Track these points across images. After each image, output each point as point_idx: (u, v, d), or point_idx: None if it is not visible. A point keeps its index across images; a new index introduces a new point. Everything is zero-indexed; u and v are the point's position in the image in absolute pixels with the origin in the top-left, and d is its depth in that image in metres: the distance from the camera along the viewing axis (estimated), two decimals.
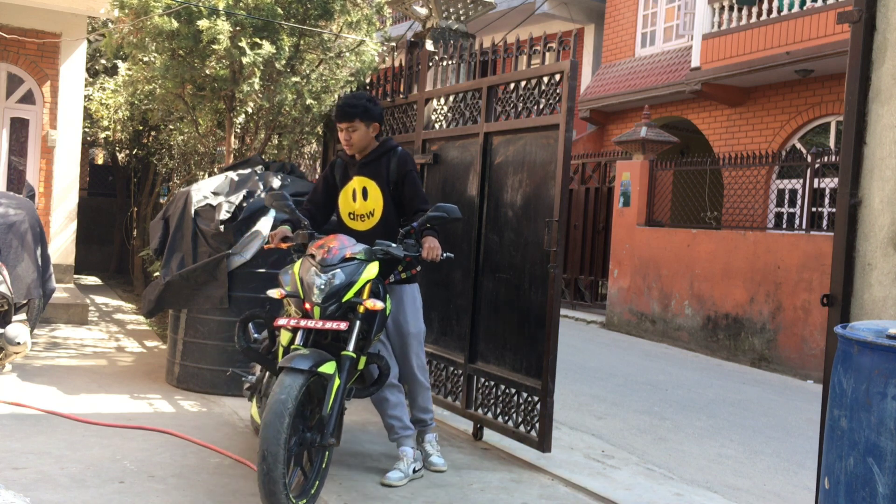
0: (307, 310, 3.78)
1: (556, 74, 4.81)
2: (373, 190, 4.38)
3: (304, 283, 3.83)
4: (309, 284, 3.80)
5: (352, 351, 3.75)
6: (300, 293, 3.84)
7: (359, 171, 4.40)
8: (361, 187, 4.39)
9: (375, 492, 4.06)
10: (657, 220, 11.47)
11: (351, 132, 4.32)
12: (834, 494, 2.38)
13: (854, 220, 3.11)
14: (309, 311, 3.76)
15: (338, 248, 3.89)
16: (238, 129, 7.60)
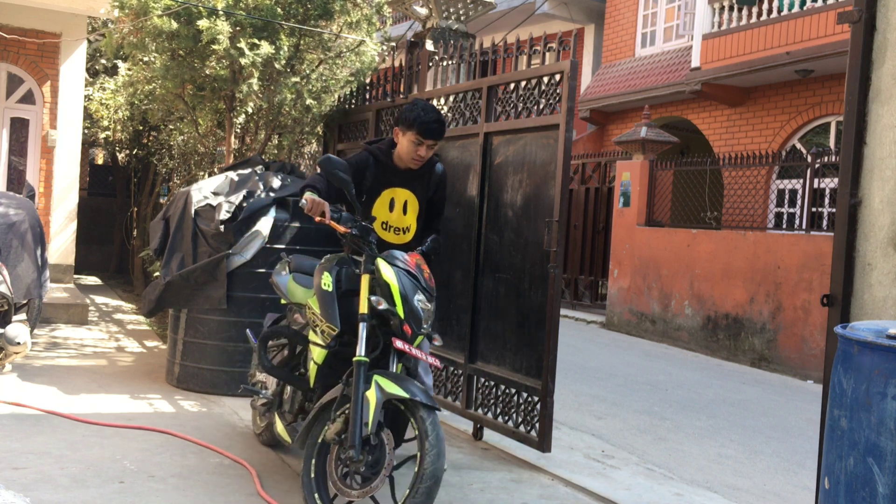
0: (406, 332, 3.47)
1: (556, 74, 4.81)
2: (413, 205, 4.26)
3: (409, 304, 3.48)
4: (417, 309, 3.50)
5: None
6: (400, 313, 3.47)
7: (405, 184, 4.22)
8: (403, 200, 4.22)
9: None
10: (657, 220, 11.47)
11: (432, 149, 4.16)
12: (834, 494, 2.38)
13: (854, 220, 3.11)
14: (409, 334, 3.47)
15: (432, 279, 3.69)
16: (238, 129, 7.60)
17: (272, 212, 5.79)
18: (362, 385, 3.33)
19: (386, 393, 3.29)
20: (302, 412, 3.93)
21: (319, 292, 3.64)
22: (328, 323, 3.55)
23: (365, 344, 3.45)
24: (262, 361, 3.88)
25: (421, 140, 4.10)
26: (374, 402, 3.28)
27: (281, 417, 4.05)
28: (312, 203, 3.71)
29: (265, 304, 5.75)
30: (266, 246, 5.72)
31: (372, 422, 3.25)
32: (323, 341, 3.60)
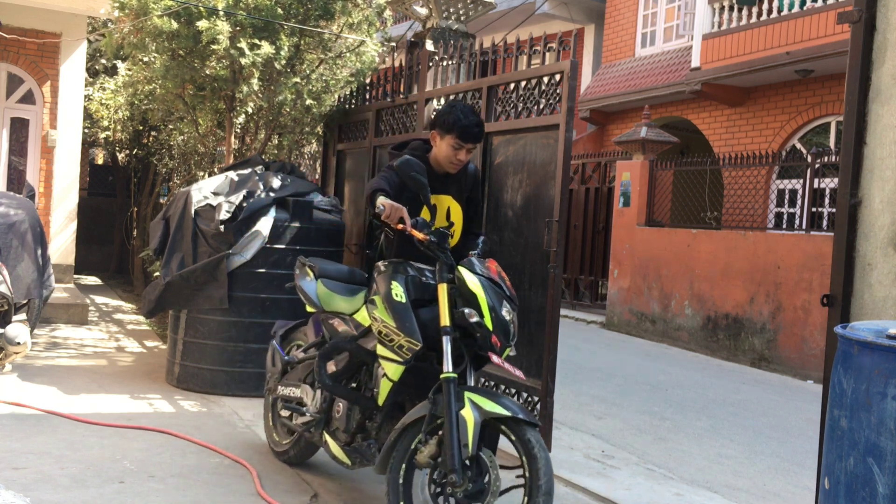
0: (495, 344, 3.27)
1: (556, 74, 4.81)
2: (455, 210, 4.06)
3: (497, 315, 3.29)
4: (505, 320, 3.32)
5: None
6: (489, 324, 3.27)
7: (445, 189, 4.00)
8: (446, 207, 4.00)
9: (375, 491, 4.06)
10: (657, 220, 11.47)
11: (470, 153, 3.95)
12: (834, 494, 2.38)
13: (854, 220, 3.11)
14: (497, 346, 3.29)
15: (509, 281, 3.51)
16: (238, 129, 7.60)
17: (272, 212, 5.79)
18: (455, 403, 3.15)
19: (485, 412, 3.12)
20: (360, 431, 3.67)
21: (392, 303, 3.40)
22: (408, 337, 3.31)
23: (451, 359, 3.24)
24: (323, 379, 3.66)
25: (461, 144, 3.88)
26: (472, 421, 3.10)
27: (333, 438, 3.77)
28: (391, 209, 3.48)
29: (265, 304, 5.76)
30: (266, 246, 5.72)
31: (472, 443, 3.08)
32: (401, 357, 3.35)
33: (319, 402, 3.88)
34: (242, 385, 5.78)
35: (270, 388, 4.40)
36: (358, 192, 7.18)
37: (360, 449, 3.63)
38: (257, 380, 5.78)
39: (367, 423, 3.66)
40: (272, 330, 4.62)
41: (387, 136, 6.77)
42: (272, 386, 4.37)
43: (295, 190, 6.03)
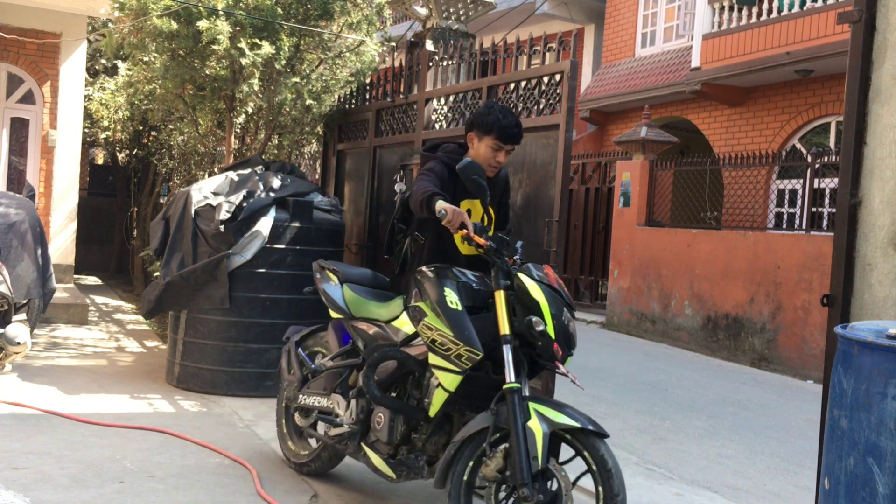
0: (557, 352, 3.20)
1: (556, 74, 4.81)
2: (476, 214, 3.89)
3: (559, 322, 3.22)
4: (567, 328, 3.27)
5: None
6: (551, 332, 3.19)
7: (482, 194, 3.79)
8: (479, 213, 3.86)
9: (375, 491, 4.06)
10: (657, 220, 11.47)
11: (508, 154, 3.83)
12: (834, 494, 2.38)
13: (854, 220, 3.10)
14: (560, 355, 3.23)
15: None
16: (238, 129, 7.60)
17: (272, 212, 5.79)
18: (521, 415, 3.07)
19: (553, 423, 3.04)
20: (405, 443, 3.54)
21: (447, 311, 3.27)
22: (467, 346, 3.18)
23: (513, 368, 3.15)
24: (372, 390, 3.48)
25: (500, 145, 3.77)
26: (540, 433, 3.03)
27: (373, 450, 3.62)
28: (453, 213, 3.31)
29: (265, 304, 5.76)
30: (266, 246, 5.72)
31: (542, 456, 3.00)
32: (459, 367, 3.21)
33: (356, 412, 3.73)
34: (242, 385, 5.78)
35: (289, 398, 4.21)
36: (358, 192, 7.18)
37: (407, 461, 3.49)
38: (257, 380, 5.78)
39: (413, 435, 3.53)
40: (285, 336, 4.47)
41: (387, 136, 6.77)
42: (291, 395, 4.18)
43: (295, 190, 6.03)
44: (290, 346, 4.33)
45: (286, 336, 4.45)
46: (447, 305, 3.28)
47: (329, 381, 4.01)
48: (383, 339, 3.70)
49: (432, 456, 3.47)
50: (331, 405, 3.91)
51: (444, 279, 3.38)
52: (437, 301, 3.31)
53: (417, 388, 3.54)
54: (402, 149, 6.46)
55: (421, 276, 3.48)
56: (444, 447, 3.44)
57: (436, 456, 3.47)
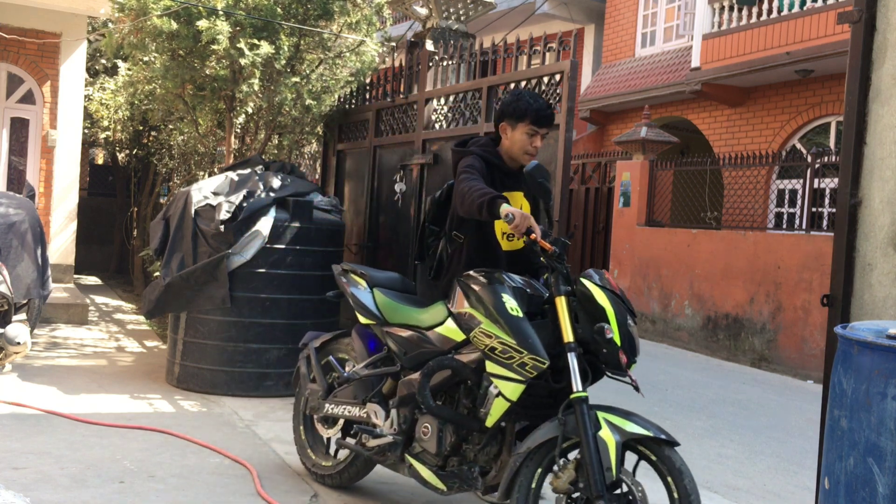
0: (623, 360, 3.09)
1: (557, 74, 4.81)
2: (526, 208, 3.78)
3: (625, 329, 3.12)
4: (633, 335, 3.15)
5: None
6: (617, 340, 3.09)
7: (518, 186, 3.76)
8: (519, 204, 3.75)
9: (375, 491, 4.06)
10: (657, 220, 11.47)
11: (543, 139, 3.70)
12: (834, 494, 2.38)
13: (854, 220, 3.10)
14: (625, 363, 3.11)
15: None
16: (238, 129, 7.60)
17: (272, 212, 5.79)
18: (590, 425, 3.00)
19: (625, 433, 2.97)
20: (455, 454, 3.42)
21: (509, 318, 3.17)
22: (532, 355, 3.09)
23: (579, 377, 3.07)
24: (427, 400, 3.34)
25: (535, 130, 3.65)
26: (612, 443, 2.96)
27: (420, 461, 3.49)
28: (521, 218, 3.19)
29: (265, 304, 5.76)
30: (266, 246, 5.72)
31: (615, 466, 2.95)
32: (522, 375, 3.11)
33: (398, 422, 3.60)
34: (242, 385, 5.78)
35: (313, 407, 4.05)
36: (358, 192, 7.17)
37: (460, 473, 3.37)
38: (257, 380, 5.78)
39: (464, 446, 3.41)
40: (302, 342, 4.29)
41: (387, 136, 6.77)
42: (316, 404, 4.03)
43: (295, 190, 6.04)
44: (310, 352, 4.15)
45: (303, 342, 4.28)
46: (508, 312, 3.19)
47: (360, 389, 3.86)
48: (426, 346, 3.55)
49: (483, 467, 3.37)
50: (365, 415, 3.78)
51: (501, 285, 3.28)
52: (496, 307, 3.21)
53: (468, 397, 3.41)
54: (402, 149, 6.46)
55: (470, 280, 3.39)
56: (495, 458, 3.36)
57: (487, 467, 3.36)
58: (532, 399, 3.22)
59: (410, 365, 3.62)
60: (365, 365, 3.84)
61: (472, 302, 3.31)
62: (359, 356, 3.93)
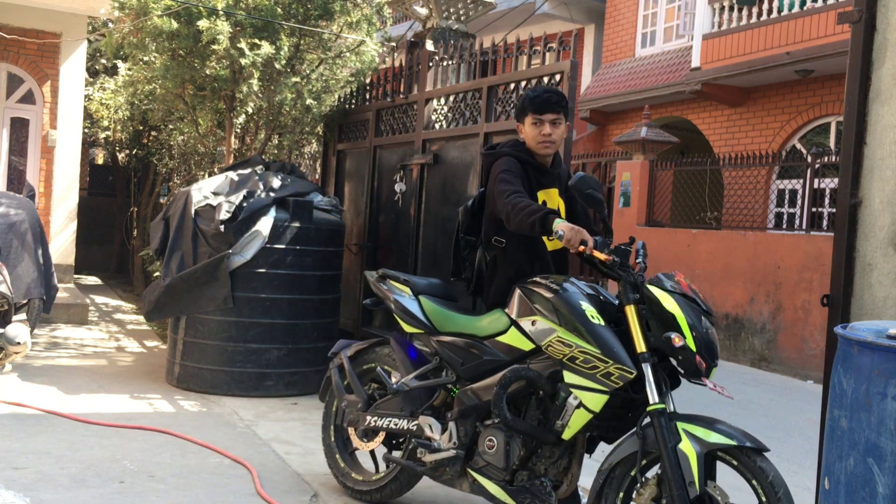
0: (700, 365, 2.95)
1: (557, 74, 4.81)
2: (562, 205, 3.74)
3: (699, 333, 2.98)
4: (709, 338, 3.01)
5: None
6: (692, 345, 2.95)
7: (553, 183, 3.71)
8: (556, 204, 3.69)
9: None
10: (657, 220, 11.47)
11: (555, 126, 3.57)
12: (834, 494, 2.38)
13: (854, 221, 3.10)
14: (703, 367, 2.96)
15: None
16: (238, 129, 7.60)
17: (272, 212, 5.79)
18: (670, 437, 2.89)
19: (707, 444, 2.85)
20: (523, 468, 3.30)
21: (590, 326, 3.08)
22: (618, 364, 2.99)
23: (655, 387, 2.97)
24: (503, 413, 3.19)
25: (538, 118, 3.56)
26: (693, 455, 2.84)
27: (484, 475, 3.35)
28: (571, 233, 3.11)
29: (265, 304, 5.76)
30: (266, 246, 5.72)
31: (698, 479, 2.83)
32: (607, 386, 3.01)
33: (457, 435, 3.46)
34: (242, 385, 5.78)
35: (352, 420, 3.88)
36: (358, 192, 7.17)
37: (532, 488, 3.24)
38: (257, 380, 5.78)
39: (534, 461, 3.30)
40: (332, 351, 4.11)
41: (387, 136, 6.77)
42: (354, 417, 3.86)
43: (295, 190, 6.03)
44: (343, 361, 3.97)
45: (334, 351, 4.09)
46: (589, 320, 3.10)
47: (408, 401, 3.70)
48: (487, 356, 3.42)
49: (554, 481, 3.25)
50: (415, 427, 3.64)
51: (574, 291, 3.20)
52: (576, 315, 3.12)
53: (538, 408, 3.29)
54: (403, 149, 6.46)
55: (537, 287, 3.31)
56: (565, 471, 3.26)
57: (558, 481, 3.25)
58: (608, 410, 3.10)
59: (468, 376, 3.48)
60: (415, 376, 3.68)
61: (543, 310, 3.23)
62: (402, 367, 3.78)
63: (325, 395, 4.12)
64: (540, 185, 3.63)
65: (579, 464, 3.24)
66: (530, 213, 3.26)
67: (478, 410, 3.41)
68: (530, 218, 3.25)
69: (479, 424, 3.42)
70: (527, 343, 3.29)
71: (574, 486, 3.25)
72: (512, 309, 3.37)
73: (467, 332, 3.53)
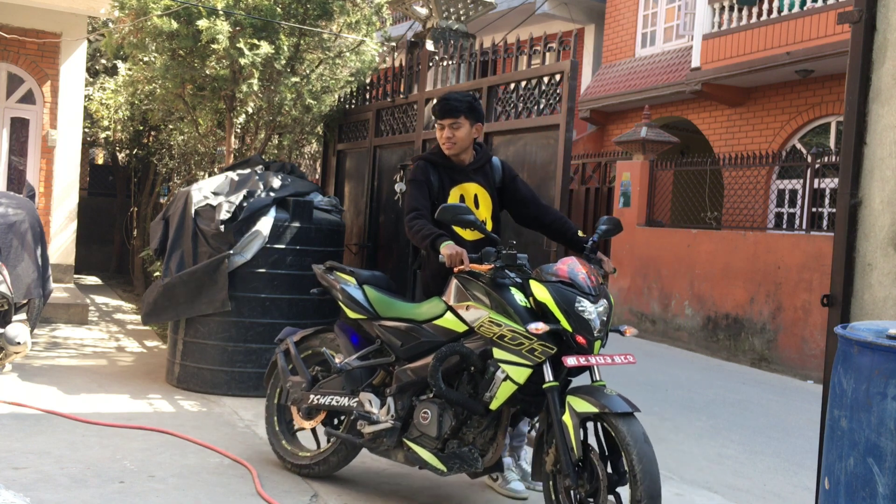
0: (581, 343, 3.32)
1: (557, 74, 4.81)
2: (484, 198, 4.13)
3: (571, 315, 3.33)
4: (582, 317, 3.33)
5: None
6: (567, 327, 3.33)
7: (471, 178, 4.12)
8: (473, 194, 4.10)
9: (376, 491, 4.06)
10: (657, 220, 11.47)
11: (455, 129, 4.03)
12: (834, 494, 2.38)
13: (854, 221, 3.10)
14: (584, 345, 3.33)
15: (594, 275, 3.52)
16: (238, 129, 7.60)
17: (272, 212, 5.79)
18: (558, 410, 3.30)
19: (578, 413, 3.23)
20: (454, 437, 3.63)
21: (518, 308, 3.44)
22: (541, 341, 3.36)
23: (551, 367, 3.37)
24: (439, 385, 3.52)
25: (442, 124, 4.06)
26: (571, 425, 3.24)
27: (419, 444, 3.68)
28: (450, 258, 3.57)
29: (265, 304, 5.76)
30: (266, 246, 5.72)
31: (576, 446, 3.21)
32: (531, 360, 3.37)
33: (395, 409, 3.78)
34: (242, 385, 5.78)
35: (296, 399, 4.17)
36: (358, 192, 7.18)
37: (461, 454, 3.58)
38: (257, 380, 5.78)
39: (464, 431, 3.62)
40: (278, 337, 4.42)
41: (387, 136, 6.77)
42: (299, 396, 4.16)
43: (295, 190, 6.03)
44: (289, 346, 4.29)
45: (280, 337, 4.41)
46: (517, 303, 3.45)
47: (349, 380, 4.00)
48: (424, 338, 3.74)
49: (482, 449, 3.60)
50: (356, 404, 3.92)
51: (505, 280, 3.52)
52: (506, 299, 3.46)
53: (470, 383, 3.63)
54: (402, 149, 6.46)
55: (473, 277, 3.61)
56: (491, 440, 3.60)
57: (485, 449, 3.60)
58: (530, 386, 3.45)
59: (407, 356, 3.81)
60: (357, 357, 4.00)
61: (476, 296, 3.56)
62: (344, 350, 4.10)
63: (270, 378, 4.43)
64: (453, 182, 4.09)
65: (504, 434, 3.62)
66: (423, 237, 3.82)
67: (414, 386, 3.76)
68: (423, 241, 3.82)
69: (415, 399, 3.76)
70: (461, 325, 3.64)
71: (499, 454, 3.63)
72: (449, 296, 3.71)
73: (407, 317, 3.87)
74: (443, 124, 4.04)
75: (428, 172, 4.06)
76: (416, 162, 4.16)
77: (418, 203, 3.98)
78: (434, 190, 4.05)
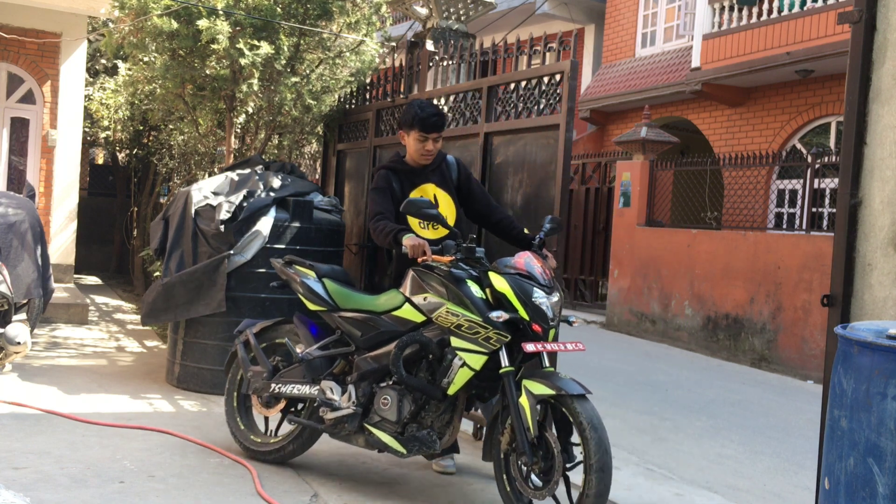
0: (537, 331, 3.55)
1: (557, 74, 4.81)
2: (443, 197, 4.39)
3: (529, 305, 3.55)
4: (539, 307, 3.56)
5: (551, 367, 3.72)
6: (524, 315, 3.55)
7: (429, 179, 4.39)
8: (432, 195, 4.37)
9: (375, 491, 4.06)
10: (657, 220, 11.47)
11: (436, 142, 4.34)
12: (834, 494, 2.38)
13: (854, 221, 3.10)
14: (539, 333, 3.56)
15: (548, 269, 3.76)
16: (238, 129, 7.60)
17: (272, 212, 5.79)
18: (514, 393, 3.50)
19: (534, 396, 3.43)
20: (413, 421, 3.82)
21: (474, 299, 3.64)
22: (496, 330, 3.56)
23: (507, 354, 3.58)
24: (400, 371, 3.71)
25: (425, 136, 4.28)
26: (527, 406, 3.43)
27: (380, 429, 3.87)
28: (412, 249, 3.79)
29: (265, 304, 5.76)
30: (266, 246, 5.72)
31: (532, 426, 3.42)
32: (486, 348, 3.59)
33: (356, 396, 3.94)
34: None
35: (258, 388, 4.33)
36: (358, 192, 7.17)
37: (420, 437, 3.78)
38: None
39: (422, 414, 3.81)
40: (238, 329, 4.57)
41: (387, 136, 6.77)
42: (260, 385, 4.31)
43: (295, 190, 6.03)
44: (249, 338, 4.43)
45: (240, 329, 4.55)
46: (473, 294, 3.66)
47: (310, 370, 4.16)
48: (383, 328, 3.92)
49: (439, 432, 3.78)
50: (316, 392, 4.09)
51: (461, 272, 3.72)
52: (463, 291, 3.67)
53: (428, 370, 3.81)
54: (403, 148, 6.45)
55: (428, 269, 3.81)
56: (448, 424, 3.79)
57: (442, 432, 3.78)
58: (485, 372, 3.66)
59: (367, 346, 3.99)
60: (318, 347, 4.16)
61: (434, 287, 3.76)
62: (304, 341, 4.25)
63: (230, 368, 4.58)
64: (413, 186, 4.34)
65: (460, 418, 3.82)
66: (386, 234, 4.05)
67: (375, 374, 3.92)
68: (386, 238, 4.05)
69: (376, 386, 3.93)
70: (419, 316, 3.83)
71: (455, 437, 3.86)
72: (406, 288, 3.91)
73: (366, 309, 4.03)
74: (428, 137, 4.28)
75: (390, 180, 4.30)
76: (378, 171, 4.40)
77: (382, 207, 4.20)
78: (397, 196, 4.27)
